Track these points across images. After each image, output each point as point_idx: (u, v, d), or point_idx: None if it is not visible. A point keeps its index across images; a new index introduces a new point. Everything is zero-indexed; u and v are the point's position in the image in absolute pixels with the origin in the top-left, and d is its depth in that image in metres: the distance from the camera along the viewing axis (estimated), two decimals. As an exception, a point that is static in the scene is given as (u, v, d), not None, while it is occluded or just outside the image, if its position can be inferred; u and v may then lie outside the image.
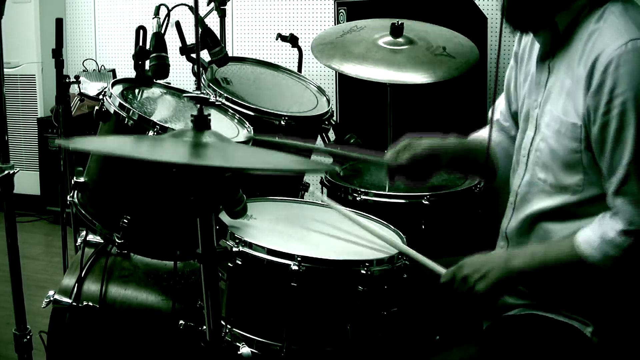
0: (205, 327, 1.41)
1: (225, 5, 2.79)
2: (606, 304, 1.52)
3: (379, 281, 1.57)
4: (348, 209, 1.90)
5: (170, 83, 2.20)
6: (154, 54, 2.08)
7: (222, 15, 2.83)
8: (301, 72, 2.69)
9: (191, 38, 2.14)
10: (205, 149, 1.16)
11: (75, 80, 2.81)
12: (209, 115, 1.23)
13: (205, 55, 2.31)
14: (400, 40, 2.32)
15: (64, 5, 4.75)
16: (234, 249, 1.57)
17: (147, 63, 2.09)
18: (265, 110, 2.16)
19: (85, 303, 2.02)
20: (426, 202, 1.99)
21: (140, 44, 2.09)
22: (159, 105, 2.09)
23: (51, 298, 2.03)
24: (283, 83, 2.54)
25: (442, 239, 2.02)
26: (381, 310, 1.60)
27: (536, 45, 1.63)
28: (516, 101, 1.75)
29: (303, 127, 2.24)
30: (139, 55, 2.09)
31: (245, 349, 1.55)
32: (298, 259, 1.52)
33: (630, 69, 1.37)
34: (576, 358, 1.50)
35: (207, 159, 1.13)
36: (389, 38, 2.34)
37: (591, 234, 1.44)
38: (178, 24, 2.23)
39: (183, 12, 2.21)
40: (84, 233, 2.16)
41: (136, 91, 2.09)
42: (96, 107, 1.93)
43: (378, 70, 2.25)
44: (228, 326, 1.59)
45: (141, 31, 2.09)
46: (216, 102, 2.08)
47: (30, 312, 2.02)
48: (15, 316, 1.97)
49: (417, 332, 1.76)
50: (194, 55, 2.15)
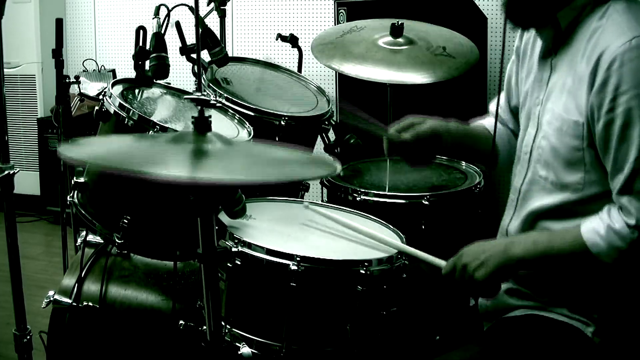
0: (205, 327, 1.41)
1: (225, 5, 2.79)
2: (607, 304, 1.51)
3: (379, 281, 1.57)
4: (343, 211, 1.90)
5: (170, 83, 2.20)
6: (154, 54, 2.08)
7: (222, 15, 2.83)
8: (301, 72, 2.68)
9: (191, 38, 2.14)
10: (207, 159, 1.15)
11: (75, 80, 2.81)
12: (210, 117, 1.23)
13: (205, 55, 2.31)
14: (400, 40, 2.32)
15: (64, 5, 4.75)
16: (233, 249, 1.57)
17: (147, 63, 2.09)
18: (265, 110, 2.16)
19: (85, 303, 2.02)
20: (426, 202, 1.99)
21: (140, 44, 2.09)
22: (159, 105, 2.09)
23: (51, 298, 2.03)
24: (283, 83, 2.54)
25: (442, 239, 2.02)
26: (381, 310, 1.60)
27: (538, 41, 1.62)
28: (516, 96, 1.75)
29: (303, 127, 2.24)
30: (139, 55, 2.09)
31: (245, 349, 1.55)
32: (297, 259, 1.52)
33: (634, 67, 1.36)
34: (577, 358, 1.50)
35: (209, 171, 1.12)
36: (389, 38, 2.34)
37: (598, 223, 1.42)
38: (178, 24, 2.23)
39: (183, 12, 2.21)
40: (84, 233, 2.16)
41: (136, 91, 2.09)
42: (96, 107, 1.93)
43: (378, 70, 2.24)
44: (228, 326, 1.59)
45: (141, 31, 2.09)
46: (216, 104, 2.08)
47: (30, 312, 2.02)
48: (15, 316, 1.97)
49: (417, 332, 1.76)
50: (194, 55, 2.15)
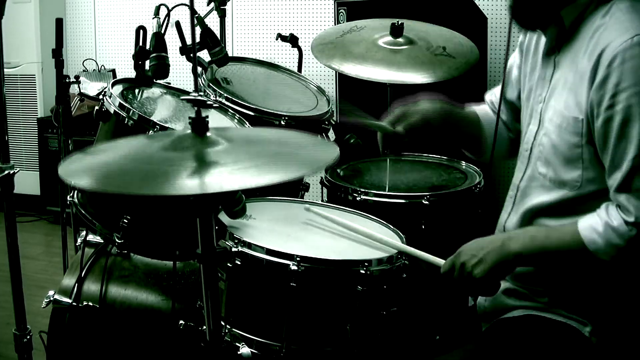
0: (205, 327, 1.41)
1: (225, 5, 2.79)
2: (605, 304, 1.51)
3: (379, 281, 1.57)
4: (343, 210, 1.90)
5: (170, 83, 2.21)
6: (154, 54, 2.08)
7: (222, 15, 2.83)
8: (301, 72, 2.68)
9: (191, 38, 2.14)
10: (212, 167, 1.14)
11: (75, 80, 2.82)
12: (207, 117, 1.22)
13: (205, 55, 2.31)
14: (400, 40, 2.31)
15: (64, 5, 4.75)
16: (233, 249, 1.57)
17: (147, 63, 2.09)
18: (265, 110, 2.16)
19: (85, 303, 2.02)
20: (426, 202, 1.99)
21: (140, 44, 2.09)
22: (159, 105, 2.10)
23: (51, 298, 2.03)
24: (283, 83, 2.54)
25: (442, 239, 2.02)
26: (381, 310, 1.60)
27: (543, 38, 1.62)
28: (515, 88, 1.75)
29: (303, 127, 2.24)
30: (139, 55, 2.09)
31: (245, 349, 1.55)
32: (297, 259, 1.52)
33: (635, 64, 1.36)
34: (575, 358, 1.50)
35: (212, 182, 1.11)
36: (389, 38, 2.34)
37: (596, 220, 1.42)
38: (178, 24, 2.23)
39: (183, 12, 2.20)
40: (84, 233, 2.16)
41: (136, 91, 2.09)
42: (96, 107, 1.93)
43: (378, 70, 2.24)
44: (228, 326, 1.59)
45: (141, 31, 2.09)
46: (214, 105, 2.08)
47: (30, 312, 2.02)
48: (15, 316, 1.97)
49: (417, 332, 1.76)
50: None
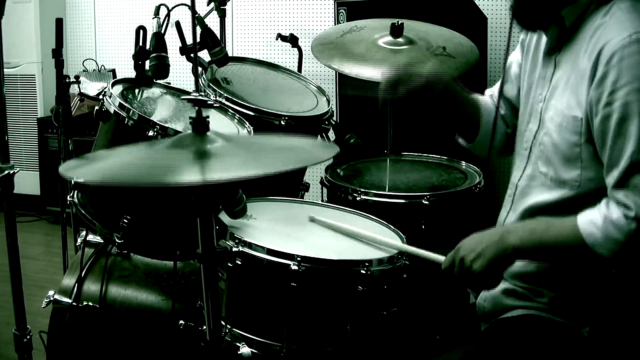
0: (205, 327, 1.41)
1: (225, 5, 2.80)
2: (604, 304, 1.51)
3: (379, 281, 1.57)
4: (343, 211, 1.90)
5: (170, 83, 2.20)
6: (154, 54, 2.08)
7: (222, 15, 2.83)
8: (301, 72, 2.68)
9: (191, 38, 2.14)
10: (211, 161, 1.15)
11: (75, 80, 2.81)
12: (208, 117, 1.22)
13: (205, 55, 2.31)
14: (400, 40, 2.32)
15: (64, 5, 4.75)
16: (234, 249, 1.57)
17: (147, 63, 2.09)
18: (265, 110, 2.16)
19: (85, 303, 2.02)
20: (426, 202, 1.99)
21: (140, 44, 2.09)
22: (159, 105, 2.09)
23: (51, 298, 2.03)
24: (283, 83, 2.54)
25: (442, 239, 2.02)
26: (381, 310, 1.60)
27: (544, 38, 1.62)
28: (515, 85, 1.75)
29: (303, 127, 2.24)
30: (139, 55, 2.09)
31: (245, 349, 1.55)
32: (298, 259, 1.52)
33: (633, 61, 1.36)
34: (574, 358, 1.50)
35: (217, 173, 1.12)
36: (389, 38, 2.34)
37: (595, 214, 1.39)
38: (178, 24, 2.23)
39: (183, 12, 2.21)
40: (84, 233, 2.16)
41: (136, 91, 2.09)
42: (96, 107, 1.93)
43: (378, 70, 2.24)
44: (228, 326, 1.59)
45: (141, 31, 2.09)
46: (214, 104, 2.08)
47: (30, 312, 2.02)
48: (15, 316, 1.97)
49: (417, 332, 1.76)
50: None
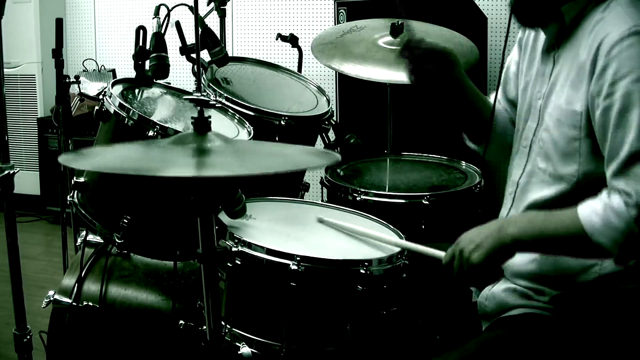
0: (205, 327, 1.41)
1: (225, 5, 2.79)
2: (605, 304, 1.51)
3: (379, 281, 1.57)
4: (344, 211, 1.90)
5: (170, 83, 2.21)
6: (154, 54, 2.08)
7: (222, 15, 2.82)
8: (301, 72, 2.68)
9: (191, 38, 2.14)
10: (209, 158, 1.15)
11: (75, 80, 2.81)
12: (210, 117, 1.23)
13: (205, 55, 2.31)
14: (400, 40, 2.32)
15: (64, 5, 4.75)
16: (233, 249, 1.57)
17: (147, 63, 2.09)
18: (265, 110, 2.16)
19: (85, 303, 2.02)
20: (426, 202, 2.00)
21: (140, 44, 2.09)
22: (159, 105, 2.10)
23: (51, 298, 2.03)
24: (283, 83, 2.54)
25: (442, 239, 2.02)
26: (381, 309, 1.60)
27: (541, 35, 1.62)
28: (514, 85, 1.75)
29: (303, 127, 2.24)
30: (139, 55, 2.09)
31: (245, 349, 1.55)
32: (297, 259, 1.52)
33: (633, 52, 1.36)
34: (575, 357, 1.50)
35: (213, 169, 1.12)
36: (389, 38, 2.34)
37: (596, 202, 1.38)
38: (178, 24, 2.23)
39: (183, 12, 2.21)
40: (84, 233, 2.16)
41: (136, 91, 2.09)
42: (96, 107, 1.93)
43: (378, 70, 2.25)
44: (228, 326, 1.59)
45: (141, 31, 2.09)
46: (215, 104, 2.08)
47: (30, 312, 2.02)
48: (15, 316, 1.97)
49: (417, 332, 1.76)
50: (194, 55, 2.15)
